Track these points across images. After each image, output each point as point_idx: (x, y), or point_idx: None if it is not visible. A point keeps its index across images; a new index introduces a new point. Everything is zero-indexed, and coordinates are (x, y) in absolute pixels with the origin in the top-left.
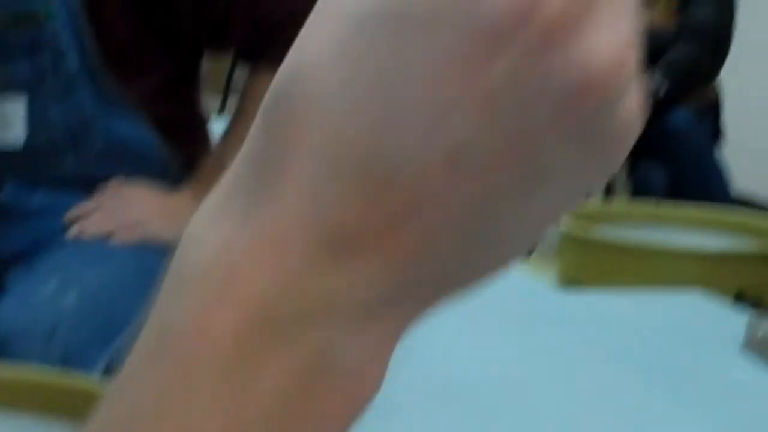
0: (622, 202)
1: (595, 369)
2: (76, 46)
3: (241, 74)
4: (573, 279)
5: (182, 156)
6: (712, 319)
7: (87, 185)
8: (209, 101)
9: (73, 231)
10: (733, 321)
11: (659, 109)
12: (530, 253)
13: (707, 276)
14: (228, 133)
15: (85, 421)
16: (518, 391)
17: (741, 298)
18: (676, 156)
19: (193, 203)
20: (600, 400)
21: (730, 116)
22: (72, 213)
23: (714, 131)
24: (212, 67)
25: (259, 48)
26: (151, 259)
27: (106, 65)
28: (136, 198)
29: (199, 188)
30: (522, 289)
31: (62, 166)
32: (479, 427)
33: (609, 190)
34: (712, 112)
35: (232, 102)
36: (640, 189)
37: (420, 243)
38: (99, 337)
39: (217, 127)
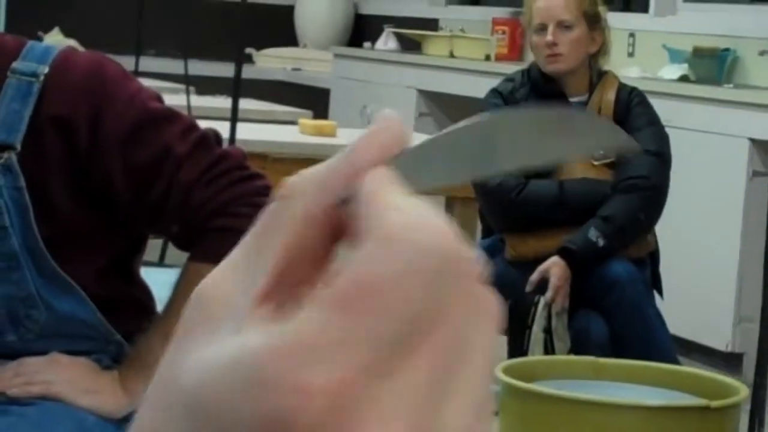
0: (562, 356)
1: None
2: (18, 225)
3: None
4: None
5: (124, 331)
6: None
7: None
8: (149, 250)
9: None
10: None
11: (597, 260)
12: None
13: (648, 430)
14: (159, 320)
15: None
16: None
17: None
18: (615, 306)
19: (115, 384)
20: None
21: (667, 265)
22: None
23: (652, 280)
24: None
25: (190, 238)
26: (92, 430)
27: (48, 245)
28: (57, 364)
29: (125, 370)
30: None
31: (3, 339)
32: None
33: (550, 342)
34: (649, 261)
35: (172, 250)
36: (580, 340)
37: None
38: None
39: (155, 276)
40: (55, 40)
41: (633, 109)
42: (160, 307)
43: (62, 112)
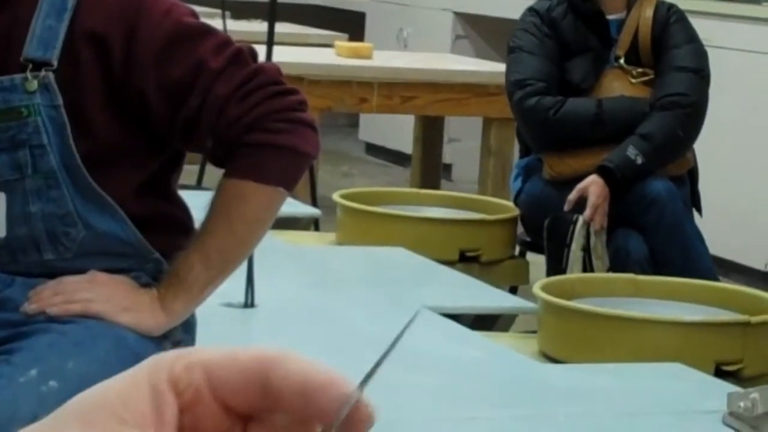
0: (601, 274)
1: None
2: (57, 143)
3: None
4: (553, 350)
5: (162, 249)
6: (693, 391)
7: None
8: (186, 173)
9: (24, 306)
10: (713, 393)
11: (635, 178)
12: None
13: (687, 346)
14: (196, 238)
15: None
16: None
17: (721, 369)
18: (654, 224)
19: (154, 302)
20: None
21: (706, 183)
22: (35, 289)
23: (691, 198)
24: None
25: (225, 152)
26: (131, 348)
27: (85, 162)
28: (96, 282)
29: (164, 289)
30: (503, 363)
31: (42, 258)
32: None
33: (588, 260)
34: (688, 179)
35: (209, 173)
36: (619, 258)
37: None
38: None
39: (193, 199)
40: None
41: (671, 26)
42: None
43: (97, 28)
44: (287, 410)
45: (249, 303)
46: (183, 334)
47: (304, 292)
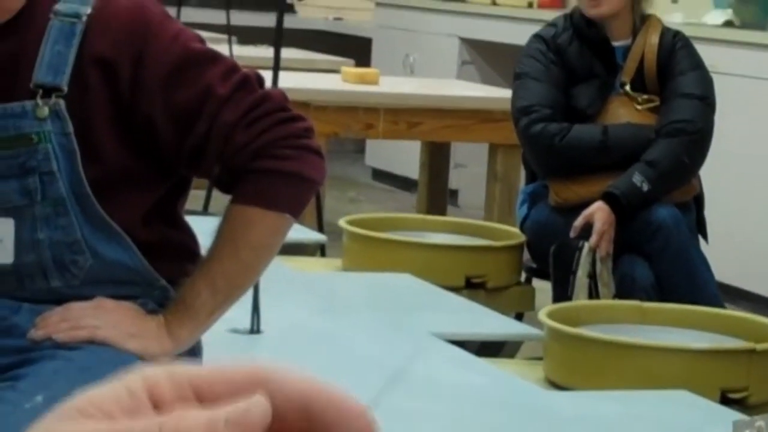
0: (607, 300)
1: None
2: (66, 170)
3: None
4: (559, 377)
5: (169, 275)
6: (699, 419)
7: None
8: (192, 199)
9: (30, 332)
10: (719, 420)
11: (641, 204)
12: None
13: (693, 374)
14: (203, 264)
15: None
16: None
17: (727, 396)
18: (660, 251)
19: (160, 329)
20: None
21: (712, 210)
22: (41, 315)
23: (697, 225)
24: None
25: (232, 178)
26: None
27: (93, 188)
28: (103, 309)
29: (170, 315)
30: (508, 389)
31: (49, 285)
32: None
33: (594, 287)
34: (694, 206)
35: (216, 199)
36: (625, 284)
37: None
38: None
39: (199, 225)
40: None
41: (677, 52)
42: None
43: (105, 53)
44: (286, 427)
45: (255, 329)
46: (189, 359)
47: (310, 317)
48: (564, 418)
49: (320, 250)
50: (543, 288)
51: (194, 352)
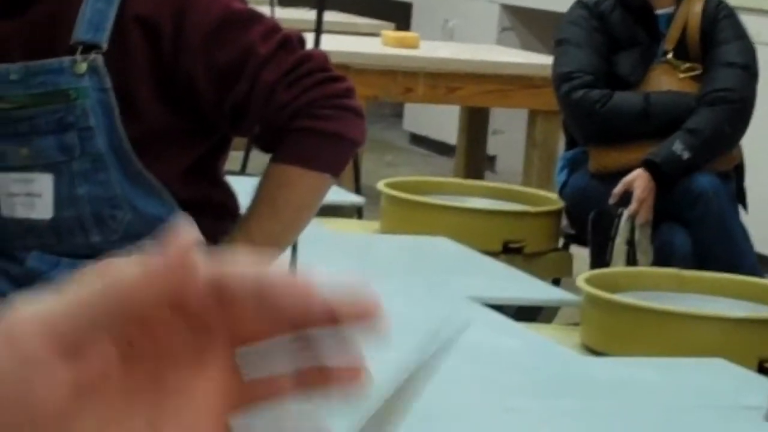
0: (645, 267)
1: None
2: (105, 126)
3: None
4: (596, 343)
5: (208, 233)
6: (736, 387)
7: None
8: (230, 160)
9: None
10: (756, 389)
11: (682, 173)
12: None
13: (730, 342)
14: (242, 223)
15: None
16: None
17: (764, 365)
18: (699, 219)
19: None
20: None
21: (753, 179)
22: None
23: (737, 194)
24: None
25: (272, 138)
26: None
27: (133, 146)
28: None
29: None
30: (546, 355)
31: (88, 240)
32: None
33: (632, 254)
34: (734, 175)
35: (254, 159)
36: (663, 252)
37: None
38: None
39: (237, 185)
40: None
41: (720, 21)
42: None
43: (147, 12)
44: (244, 314)
45: None
46: None
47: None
48: (600, 383)
49: (357, 212)
50: (580, 255)
51: None
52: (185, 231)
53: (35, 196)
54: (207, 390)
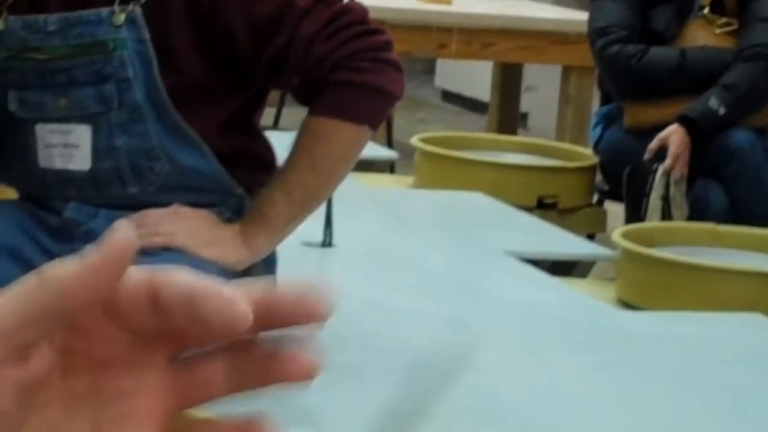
0: (681, 223)
1: (652, 389)
2: (143, 78)
3: None
4: (631, 298)
5: (245, 185)
6: None
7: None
8: (263, 115)
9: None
10: None
11: (717, 128)
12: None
13: (766, 297)
14: (279, 175)
15: None
16: (576, 410)
17: None
18: (735, 175)
19: (236, 238)
20: (657, 419)
21: None
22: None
23: None
24: None
25: (310, 90)
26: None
27: (171, 97)
28: (180, 216)
29: (246, 224)
30: (580, 308)
31: (126, 191)
32: None
33: (667, 210)
34: None
35: (286, 115)
36: (698, 208)
37: None
38: None
39: (270, 140)
40: None
41: None
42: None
43: None
44: (178, 324)
45: (327, 242)
46: (264, 270)
47: (382, 233)
48: (636, 337)
49: (390, 168)
50: (614, 210)
51: (269, 262)
52: (123, 234)
53: (73, 147)
54: (147, 394)
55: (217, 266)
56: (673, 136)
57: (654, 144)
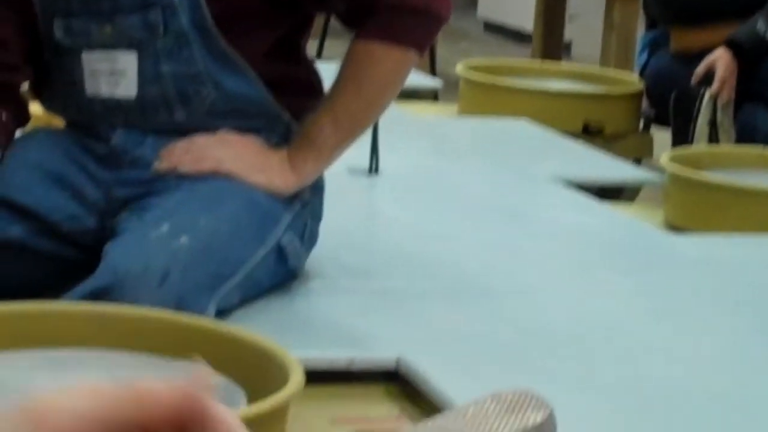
0: (728, 146)
1: (700, 311)
2: (188, 4)
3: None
4: (679, 221)
5: (292, 111)
6: None
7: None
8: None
9: (155, 164)
10: None
11: (765, 53)
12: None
13: None
14: (326, 100)
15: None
16: (623, 332)
17: None
18: None
19: (284, 163)
20: (705, 341)
21: None
22: (166, 148)
23: None
24: None
25: (357, 15)
26: (261, 208)
27: (217, 23)
28: (227, 141)
29: (294, 149)
30: (628, 232)
31: (173, 117)
32: (585, 367)
33: (715, 134)
34: None
35: (329, 46)
36: (745, 132)
37: None
38: (210, 281)
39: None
40: None
41: None
42: None
43: None
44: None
45: (373, 169)
46: (311, 195)
47: (427, 160)
48: (684, 260)
49: (434, 96)
50: (660, 136)
51: (316, 187)
52: (206, 374)
53: (119, 75)
54: None
55: (265, 191)
56: (720, 60)
57: (701, 68)
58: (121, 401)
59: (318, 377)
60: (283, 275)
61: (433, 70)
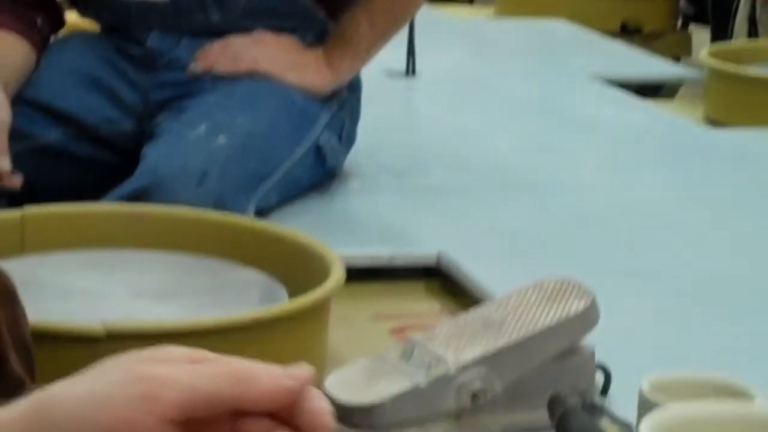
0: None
1: (739, 201)
2: None
3: None
4: (719, 116)
5: (328, 9)
6: None
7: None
8: None
9: (191, 65)
10: None
11: None
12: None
13: None
14: (362, 2)
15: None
16: (663, 225)
17: None
18: None
19: (320, 61)
20: (745, 233)
21: None
22: (202, 49)
23: None
24: None
25: None
26: (297, 107)
27: None
28: (263, 42)
29: (330, 48)
30: (668, 127)
31: (207, 18)
32: (622, 252)
33: (754, 30)
34: None
35: None
36: None
37: None
38: (249, 180)
39: None
40: None
41: None
42: None
43: None
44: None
45: (410, 71)
46: (349, 95)
47: (464, 61)
48: (725, 154)
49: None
50: (699, 35)
51: (353, 87)
52: (307, 372)
53: None
54: None
55: (301, 90)
56: None
57: None
58: (226, 381)
59: (358, 274)
60: (321, 174)
61: None
